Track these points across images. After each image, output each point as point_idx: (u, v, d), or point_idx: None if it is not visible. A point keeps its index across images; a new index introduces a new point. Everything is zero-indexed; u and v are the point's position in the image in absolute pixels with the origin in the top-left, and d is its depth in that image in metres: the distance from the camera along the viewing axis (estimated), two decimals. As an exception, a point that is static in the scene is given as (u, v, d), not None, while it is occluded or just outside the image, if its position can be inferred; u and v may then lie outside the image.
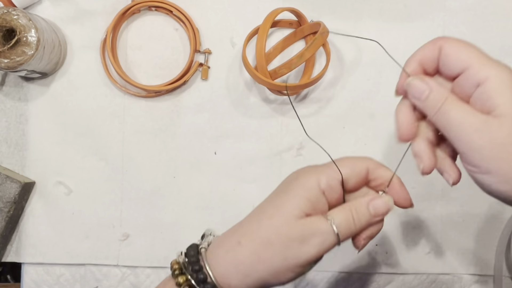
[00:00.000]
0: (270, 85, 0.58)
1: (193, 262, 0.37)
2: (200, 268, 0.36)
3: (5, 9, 0.56)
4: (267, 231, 0.36)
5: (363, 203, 0.38)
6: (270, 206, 0.38)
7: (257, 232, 0.37)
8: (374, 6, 0.63)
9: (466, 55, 0.34)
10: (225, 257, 0.37)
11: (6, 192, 0.59)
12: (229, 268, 0.36)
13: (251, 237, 0.36)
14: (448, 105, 0.34)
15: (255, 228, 0.37)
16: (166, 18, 0.64)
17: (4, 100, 0.63)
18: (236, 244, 0.37)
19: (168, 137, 0.63)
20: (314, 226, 0.37)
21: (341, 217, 0.37)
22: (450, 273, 0.63)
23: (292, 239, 0.36)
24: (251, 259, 0.36)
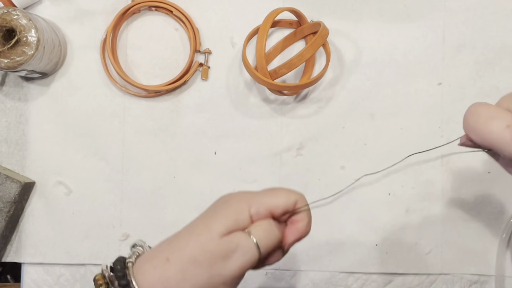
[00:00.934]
0: (270, 85, 0.58)
1: (120, 276, 0.36)
2: (127, 283, 0.36)
3: (5, 9, 0.56)
4: (194, 249, 0.36)
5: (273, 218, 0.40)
6: (200, 224, 0.38)
7: (185, 249, 0.37)
8: (374, 6, 0.63)
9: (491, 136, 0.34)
10: (152, 273, 0.36)
11: (6, 192, 0.59)
12: (156, 284, 0.36)
13: (179, 255, 0.37)
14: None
15: (184, 245, 0.37)
16: (166, 18, 0.64)
17: (4, 100, 0.63)
18: (165, 261, 0.37)
19: (168, 137, 0.63)
20: (235, 240, 0.37)
21: (260, 229, 0.38)
22: (450, 273, 0.63)
23: (217, 256, 0.36)
24: (178, 277, 0.36)
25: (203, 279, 0.36)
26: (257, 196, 0.40)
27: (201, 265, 0.36)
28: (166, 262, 0.37)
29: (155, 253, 0.38)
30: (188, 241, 0.37)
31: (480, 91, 0.63)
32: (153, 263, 0.37)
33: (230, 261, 0.37)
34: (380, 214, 0.63)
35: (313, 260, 0.63)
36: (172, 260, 0.36)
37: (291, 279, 0.63)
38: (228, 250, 0.37)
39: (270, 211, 0.39)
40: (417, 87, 0.63)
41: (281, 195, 0.40)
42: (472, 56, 0.63)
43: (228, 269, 0.37)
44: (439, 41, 0.63)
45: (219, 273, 0.36)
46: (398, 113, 0.63)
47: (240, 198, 0.40)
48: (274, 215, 0.40)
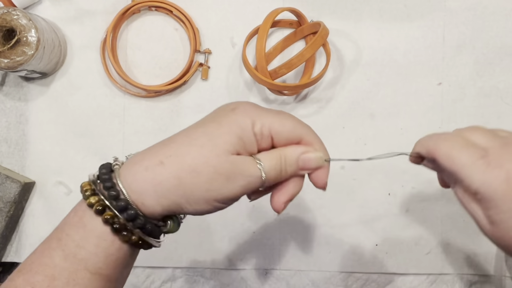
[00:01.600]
0: (270, 85, 0.58)
1: (105, 179, 0.35)
2: (113, 185, 0.35)
3: (5, 9, 0.56)
4: (195, 159, 0.34)
5: (294, 154, 0.37)
6: (202, 134, 0.36)
7: (184, 157, 0.35)
8: (374, 6, 0.63)
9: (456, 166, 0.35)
10: (143, 174, 0.35)
11: (6, 192, 0.59)
12: (146, 186, 0.34)
13: (177, 161, 0.35)
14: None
15: (183, 152, 0.35)
16: (166, 18, 0.64)
17: (4, 100, 0.63)
18: (158, 163, 0.35)
19: (168, 137, 0.63)
20: (243, 166, 0.35)
21: (271, 163, 0.36)
22: (450, 273, 0.63)
23: (219, 174, 0.34)
24: (172, 183, 0.34)
25: (200, 190, 0.35)
26: (263, 113, 0.37)
27: (200, 177, 0.34)
28: (159, 164, 0.35)
29: (146, 155, 0.36)
30: (189, 150, 0.35)
31: (480, 91, 0.63)
32: (144, 164, 0.35)
33: (232, 183, 0.35)
34: (380, 214, 0.63)
35: (313, 260, 0.63)
36: (167, 164, 0.35)
37: (291, 279, 0.63)
38: (232, 172, 0.35)
39: (272, 135, 0.37)
40: (417, 87, 0.63)
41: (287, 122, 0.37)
42: (472, 56, 0.63)
43: (227, 189, 0.35)
44: (439, 41, 0.63)
45: (217, 190, 0.35)
46: (398, 113, 0.63)
47: (245, 111, 0.36)
48: (275, 141, 0.37)
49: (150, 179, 0.34)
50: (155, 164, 0.35)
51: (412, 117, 0.63)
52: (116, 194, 0.34)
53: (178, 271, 0.63)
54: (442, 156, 0.36)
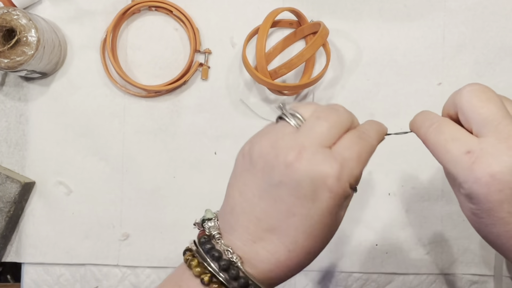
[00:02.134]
0: (270, 85, 0.58)
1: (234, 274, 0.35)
2: (247, 282, 0.35)
3: (5, 9, 0.56)
4: (319, 247, 0.38)
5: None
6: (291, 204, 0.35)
7: (303, 241, 0.36)
8: (374, 6, 0.63)
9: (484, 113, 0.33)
10: (275, 267, 0.37)
11: (6, 192, 0.59)
12: (278, 273, 0.38)
13: (298, 246, 0.36)
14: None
15: (300, 234, 0.36)
16: (166, 18, 0.64)
17: (4, 100, 0.63)
18: (287, 252, 0.36)
19: (168, 137, 0.63)
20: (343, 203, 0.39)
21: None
22: (450, 273, 0.63)
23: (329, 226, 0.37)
24: (303, 261, 0.38)
25: (320, 246, 0.37)
26: (348, 167, 0.36)
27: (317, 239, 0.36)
28: (288, 252, 0.36)
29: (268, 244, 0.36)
30: (297, 230, 0.35)
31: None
32: (275, 259, 0.37)
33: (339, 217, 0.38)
34: (380, 214, 0.63)
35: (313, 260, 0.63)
36: (292, 250, 0.36)
37: (291, 279, 0.63)
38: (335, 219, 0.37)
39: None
40: (417, 87, 0.63)
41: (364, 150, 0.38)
42: (472, 56, 0.63)
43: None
44: (439, 41, 0.63)
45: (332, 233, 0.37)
46: (398, 113, 0.63)
47: (338, 179, 0.35)
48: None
49: (281, 268, 0.37)
50: (284, 253, 0.37)
51: (412, 117, 0.63)
52: (245, 283, 0.35)
53: (178, 271, 0.63)
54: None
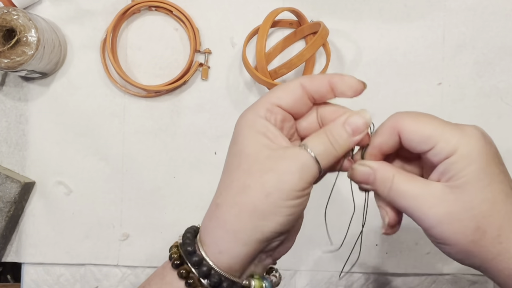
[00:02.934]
0: (270, 85, 0.58)
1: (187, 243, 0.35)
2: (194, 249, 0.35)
3: (5, 9, 0.56)
4: (239, 179, 0.34)
5: (337, 124, 0.35)
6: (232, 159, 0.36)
7: (230, 185, 0.35)
8: (374, 6, 0.63)
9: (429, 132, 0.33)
10: (209, 225, 0.35)
11: (6, 192, 0.59)
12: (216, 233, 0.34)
13: (226, 193, 0.35)
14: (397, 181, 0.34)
15: (228, 183, 0.35)
16: (166, 18, 0.64)
17: (4, 100, 0.63)
18: (215, 207, 0.35)
19: (168, 137, 0.63)
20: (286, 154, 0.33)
21: (317, 142, 0.34)
22: (450, 273, 0.63)
23: (267, 172, 0.32)
24: (233, 212, 0.33)
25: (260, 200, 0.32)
26: (257, 101, 0.36)
27: (251, 187, 0.33)
28: (216, 208, 0.35)
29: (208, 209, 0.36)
30: (231, 177, 0.35)
31: (480, 91, 0.63)
32: (208, 216, 0.35)
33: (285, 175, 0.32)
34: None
35: (313, 260, 0.63)
36: (221, 202, 0.34)
37: (291, 279, 0.63)
38: (280, 165, 0.32)
39: (279, 105, 0.35)
40: (417, 87, 0.63)
41: (278, 87, 0.36)
42: (472, 56, 0.63)
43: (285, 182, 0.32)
44: (439, 41, 0.63)
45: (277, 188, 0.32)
46: (398, 113, 0.63)
47: (244, 116, 0.36)
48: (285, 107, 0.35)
49: (215, 224, 0.34)
50: (213, 209, 0.35)
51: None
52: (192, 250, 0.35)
53: (178, 271, 0.63)
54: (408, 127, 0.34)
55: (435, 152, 0.33)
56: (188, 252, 0.34)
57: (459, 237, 0.32)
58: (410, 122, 0.35)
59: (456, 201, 0.32)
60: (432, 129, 0.34)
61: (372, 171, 0.35)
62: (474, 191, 0.32)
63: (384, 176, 0.35)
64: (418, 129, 0.34)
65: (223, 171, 0.36)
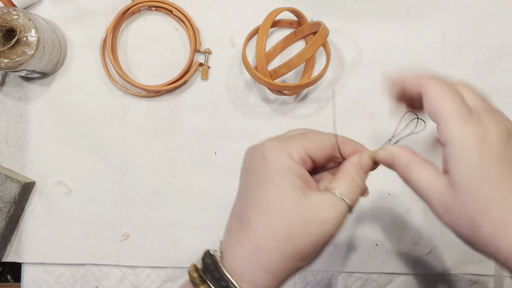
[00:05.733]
0: (270, 85, 0.58)
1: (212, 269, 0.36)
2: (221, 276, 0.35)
3: (5, 9, 0.56)
4: (284, 226, 0.35)
5: (356, 165, 0.39)
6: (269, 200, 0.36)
7: (273, 230, 0.35)
8: (374, 6, 0.63)
9: (440, 107, 0.34)
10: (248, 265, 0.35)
11: (6, 192, 0.59)
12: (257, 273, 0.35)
13: (269, 238, 0.35)
14: (412, 170, 0.37)
15: (268, 227, 0.35)
16: (166, 18, 0.64)
17: (4, 100, 0.63)
18: (255, 249, 0.35)
19: (168, 137, 0.63)
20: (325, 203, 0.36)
21: (347, 185, 0.37)
22: (450, 273, 0.63)
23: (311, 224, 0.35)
24: (278, 257, 0.35)
25: (303, 247, 0.35)
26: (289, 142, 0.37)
27: (297, 236, 0.35)
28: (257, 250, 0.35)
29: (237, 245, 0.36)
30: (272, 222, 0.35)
31: (480, 91, 0.63)
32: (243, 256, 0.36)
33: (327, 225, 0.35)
34: (380, 214, 0.63)
35: (313, 260, 0.63)
36: (263, 246, 0.35)
37: (291, 279, 0.63)
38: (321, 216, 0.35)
39: (309, 155, 0.37)
40: (417, 87, 0.63)
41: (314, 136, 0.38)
42: (472, 56, 0.63)
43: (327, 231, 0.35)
44: (439, 41, 0.63)
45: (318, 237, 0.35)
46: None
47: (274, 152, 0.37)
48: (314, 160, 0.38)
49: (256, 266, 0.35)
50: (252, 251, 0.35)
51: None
52: (226, 285, 0.35)
53: (179, 271, 0.63)
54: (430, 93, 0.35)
55: (438, 130, 0.34)
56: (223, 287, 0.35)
57: (459, 230, 0.35)
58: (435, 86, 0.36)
59: (453, 199, 0.34)
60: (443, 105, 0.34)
61: (391, 156, 0.38)
62: (465, 191, 0.33)
63: (402, 162, 0.37)
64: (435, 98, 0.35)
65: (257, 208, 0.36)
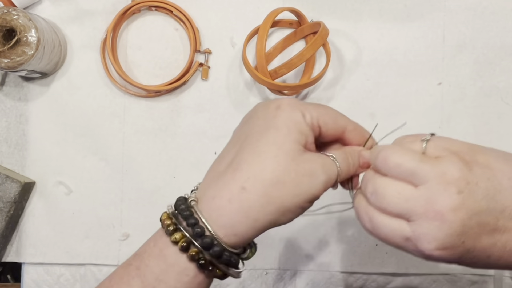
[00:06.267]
0: (270, 85, 0.58)
1: (187, 216, 0.35)
2: (196, 221, 0.34)
3: (5, 9, 0.56)
4: (274, 171, 0.34)
5: (356, 150, 0.39)
6: (267, 144, 0.35)
7: (263, 173, 0.34)
8: (374, 6, 0.63)
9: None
10: (229, 207, 0.34)
11: (6, 192, 0.59)
12: (236, 217, 0.34)
13: (257, 180, 0.34)
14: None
15: (259, 169, 0.34)
16: (166, 18, 0.64)
17: (4, 100, 0.63)
18: (240, 190, 0.34)
19: (168, 137, 0.63)
20: (320, 161, 0.36)
21: (341, 158, 0.38)
22: (450, 273, 0.63)
23: (303, 175, 0.35)
24: (262, 202, 0.34)
25: (289, 198, 0.35)
26: (307, 105, 0.37)
27: (286, 186, 0.34)
28: (242, 191, 0.34)
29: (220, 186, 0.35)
30: (265, 165, 0.35)
31: (480, 91, 0.63)
32: (226, 197, 0.35)
33: (315, 180, 0.35)
34: (380, 214, 0.63)
35: (313, 260, 0.63)
36: (249, 188, 0.34)
37: (291, 279, 0.63)
38: (314, 170, 0.36)
39: (320, 125, 0.37)
40: (417, 87, 0.63)
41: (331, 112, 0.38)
42: (472, 56, 0.63)
43: (313, 187, 0.35)
44: (439, 41, 0.63)
45: (305, 192, 0.35)
46: (398, 113, 0.63)
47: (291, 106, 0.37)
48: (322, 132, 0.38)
49: (237, 208, 0.34)
50: (237, 192, 0.34)
51: (412, 117, 0.63)
52: (201, 231, 0.34)
53: (178, 271, 0.63)
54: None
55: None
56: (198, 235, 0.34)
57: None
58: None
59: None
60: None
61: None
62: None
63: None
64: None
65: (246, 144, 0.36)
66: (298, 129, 0.36)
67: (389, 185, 0.34)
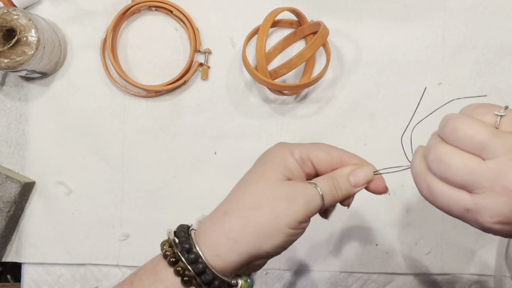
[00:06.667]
0: (270, 85, 0.58)
1: (182, 241, 0.37)
2: (186, 239, 0.37)
3: (5, 9, 0.56)
4: (253, 195, 0.37)
5: (344, 174, 0.40)
6: (252, 175, 0.39)
7: (244, 198, 0.37)
8: (374, 6, 0.63)
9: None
10: (212, 228, 0.37)
11: (6, 192, 0.59)
12: (218, 238, 0.36)
13: (238, 204, 0.37)
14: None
15: (240, 195, 0.38)
16: (166, 18, 0.64)
17: (4, 100, 0.63)
18: (223, 214, 0.37)
19: (168, 137, 0.63)
20: (299, 187, 0.38)
21: (324, 184, 0.39)
22: (450, 273, 0.63)
23: (280, 198, 0.37)
24: (240, 224, 0.36)
25: (267, 219, 0.36)
26: (297, 144, 0.40)
27: (263, 207, 0.36)
28: (224, 214, 0.37)
29: (212, 213, 0.39)
30: (245, 191, 0.38)
31: (480, 91, 0.63)
32: (212, 220, 0.38)
33: (293, 204, 0.37)
34: (380, 214, 0.63)
35: (313, 260, 0.63)
36: (230, 211, 0.37)
37: (291, 279, 0.63)
38: (291, 194, 0.37)
39: (311, 160, 0.39)
40: (417, 87, 0.63)
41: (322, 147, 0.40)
42: (472, 56, 0.63)
43: (293, 210, 0.37)
44: (439, 41, 0.63)
45: (285, 214, 0.36)
46: (398, 113, 0.63)
47: (281, 145, 0.40)
48: (317, 167, 0.40)
49: (218, 229, 0.37)
50: (221, 215, 0.38)
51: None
52: (189, 247, 0.37)
53: (178, 271, 0.63)
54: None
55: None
56: (186, 250, 0.37)
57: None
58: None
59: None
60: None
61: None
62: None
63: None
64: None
65: (239, 183, 0.40)
66: (283, 164, 0.38)
67: (455, 155, 0.33)
